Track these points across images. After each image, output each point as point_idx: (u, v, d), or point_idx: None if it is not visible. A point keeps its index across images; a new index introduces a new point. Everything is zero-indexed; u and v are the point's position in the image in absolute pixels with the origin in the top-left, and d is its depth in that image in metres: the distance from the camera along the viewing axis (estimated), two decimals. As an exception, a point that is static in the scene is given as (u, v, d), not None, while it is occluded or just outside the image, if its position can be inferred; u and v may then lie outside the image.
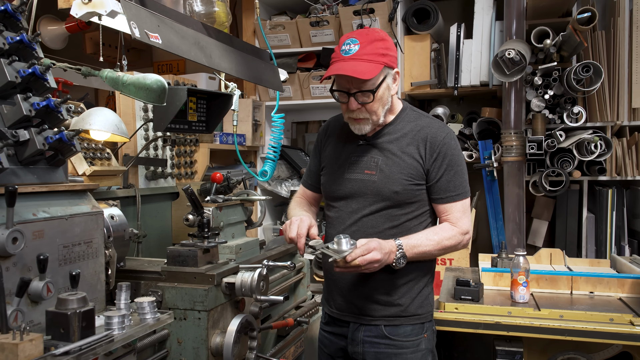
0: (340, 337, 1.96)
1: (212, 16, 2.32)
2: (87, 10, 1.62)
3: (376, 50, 1.77)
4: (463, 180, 1.87)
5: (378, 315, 1.88)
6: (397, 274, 1.86)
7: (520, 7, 3.30)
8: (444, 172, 1.84)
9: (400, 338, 1.87)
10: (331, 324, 2.00)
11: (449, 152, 1.85)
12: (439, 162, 1.84)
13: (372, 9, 3.58)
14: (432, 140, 1.84)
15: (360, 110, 1.80)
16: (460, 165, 1.88)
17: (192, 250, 1.89)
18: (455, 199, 1.85)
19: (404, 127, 1.89)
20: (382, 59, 1.77)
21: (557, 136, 3.22)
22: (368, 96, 1.78)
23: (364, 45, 1.76)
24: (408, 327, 1.88)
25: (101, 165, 2.16)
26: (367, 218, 1.87)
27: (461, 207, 1.87)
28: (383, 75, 1.79)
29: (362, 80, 1.74)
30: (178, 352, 1.82)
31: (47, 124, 1.42)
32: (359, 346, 1.90)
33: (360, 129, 1.86)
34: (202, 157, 3.22)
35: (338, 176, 1.93)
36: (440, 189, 1.85)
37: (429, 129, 1.87)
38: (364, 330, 1.90)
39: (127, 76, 1.85)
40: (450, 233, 1.83)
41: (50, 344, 1.18)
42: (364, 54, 1.75)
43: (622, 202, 3.42)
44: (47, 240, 1.34)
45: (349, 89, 1.79)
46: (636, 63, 3.29)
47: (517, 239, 3.36)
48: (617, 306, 2.30)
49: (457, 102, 4.19)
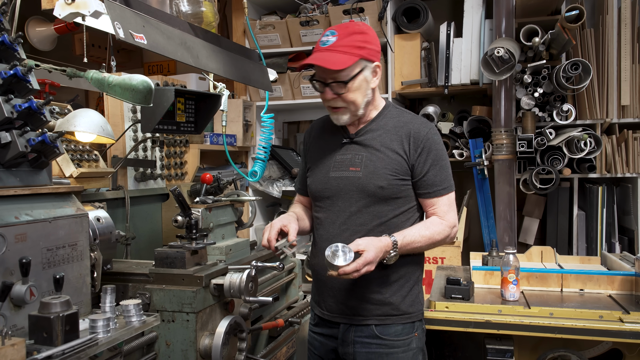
0: (330, 338, 1.95)
1: (200, 16, 2.31)
2: (70, 10, 1.60)
3: (353, 42, 1.78)
4: (448, 174, 1.89)
5: (370, 314, 1.87)
6: (388, 272, 1.86)
7: (509, 6, 3.30)
8: (430, 167, 1.85)
9: (391, 337, 1.86)
10: (321, 325, 1.99)
11: (433, 147, 1.86)
12: (424, 157, 1.84)
13: (362, 8, 3.58)
14: (416, 136, 1.85)
15: (336, 99, 1.82)
16: (444, 159, 1.89)
17: (180, 251, 1.88)
18: (441, 193, 1.87)
19: (387, 123, 1.89)
20: (358, 51, 1.78)
21: (547, 134, 3.22)
22: (342, 87, 1.79)
23: (341, 37, 1.78)
24: (399, 326, 1.88)
25: (88, 167, 2.14)
26: (355, 216, 1.86)
27: (447, 201, 1.89)
28: (360, 67, 1.80)
29: (335, 70, 1.75)
30: (167, 355, 1.81)
31: (29, 126, 1.41)
32: (349, 347, 1.89)
33: (338, 118, 1.87)
34: (192, 158, 3.21)
35: (323, 175, 1.94)
36: (427, 183, 1.86)
37: (412, 124, 1.88)
38: (354, 331, 1.89)
39: (112, 77, 1.84)
40: (440, 227, 1.85)
41: (33, 349, 1.17)
42: (340, 45, 1.77)
43: (613, 199, 3.43)
44: (30, 244, 1.33)
45: (324, 79, 1.81)
46: (625, 61, 3.30)
47: (508, 237, 3.36)
48: (607, 303, 2.30)
49: (448, 100, 4.19)
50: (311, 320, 2.07)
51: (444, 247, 3.37)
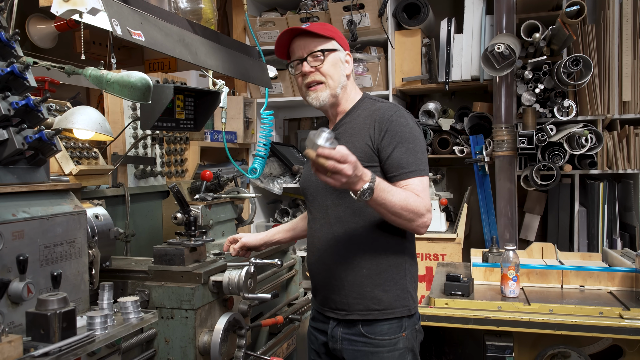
0: (323, 333, 1.97)
1: (198, 13, 2.31)
2: (67, 7, 1.60)
3: (324, 28, 1.90)
4: (417, 158, 1.80)
5: (352, 309, 1.86)
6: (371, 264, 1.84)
7: (510, 1, 3.29)
8: (394, 148, 1.78)
9: (376, 336, 1.84)
10: (316, 320, 2.02)
11: (398, 129, 1.80)
12: (388, 139, 1.79)
13: (362, 4, 3.57)
14: (380, 120, 1.82)
15: (314, 73, 1.85)
16: (412, 142, 1.80)
17: (179, 248, 1.88)
18: (409, 175, 1.76)
19: (360, 114, 1.90)
20: (330, 33, 1.88)
21: (548, 130, 3.21)
22: (319, 58, 1.84)
23: (313, 25, 1.90)
24: (385, 325, 1.84)
25: (88, 165, 2.14)
26: (331, 210, 1.88)
27: (420, 184, 1.77)
28: (333, 46, 1.88)
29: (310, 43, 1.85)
30: (166, 352, 1.81)
31: (26, 124, 1.41)
32: (338, 343, 1.90)
33: (317, 96, 1.86)
34: (192, 155, 3.21)
35: (307, 173, 2.00)
36: (392, 165, 1.78)
37: (379, 111, 1.86)
38: (342, 327, 1.89)
39: (111, 74, 1.84)
40: (416, 199, 1.71)
41: (30, 345, 1.17)
42: (313, 27, 1.88)
43: (614, 195, 3.42)
44: (28, 241, 1.33)
45: (301, 55, 1.87)
46: (626, 56, 3.29)
47: (509, 233, 3.36)
48: (607, 299, 2.30)
49: (449, 97, 4.18)
50: (310, 314, 2.09)
51: (445, 244, 3.37)
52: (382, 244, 1.86)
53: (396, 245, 1.88)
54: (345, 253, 1.86)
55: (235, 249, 2.17)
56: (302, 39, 1.88)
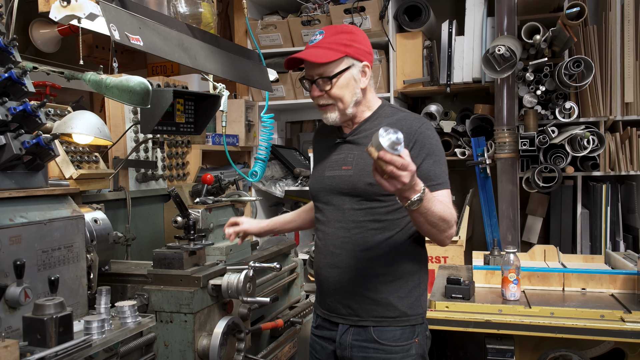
0: (329, 341, 1.93)
1: (198, 17, 2.31)
2: (65, 13, 1.61)
3: (339, 40, 1.79)
4: (442, 171, 1.81)
5: (366, 315, 1.84)
6: (386, 272, 1.83)
7: (511, 3, 3.28)
8: (423, 160, 1.78)
9: (389, 342, 1.81)
10: (321, 328, 1.97)
11: (427, 142, 1.80)
12: (416, 150, 1.78)
13: (363, 7, 3.57)
14: (408, 131, 1.79)
15: (323, 96, 1.82)
16: (439, 155, 1.82)
17: (178, 252, 1.88)
18: (437, 188, 1.77)
19: (381, 122, 1.87)
20: (343, 48, 1.78)
21: (549, 132, 3.20)
22: (327, 83, 1.80)
23: (327, 36, 1.81)
24: (398, 330, 1.82)
25: (88, 169, 2.15)
26: (348, 214, 1.85)
27: (447, 197, 1.79)
28: (346, 65, 1.80)
29: (319, 66, 1.77)
30: (165, 355, 1.81)
31: (24, 129, 1.41)
32: (347, 350, 1.86)
33: (327, 117, 1.86)
34: (194, 159, 3.21)
35: (319, 176, 1.95)
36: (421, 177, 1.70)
37: (404, 121, 1.84)
38: (352, 334, 1.86)
39: (110, 79, 1.84)
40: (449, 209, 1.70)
41: (26, 350, 1.18)
42: (325, 42, 1.79)
43: (617, 197, 3.40)
44: (25, 246, 1.33)
45: (311, 76, 1.82)
46: (628, 57, 3.27)
47: (511, 235, 3.35)
48: (608, 302, 2.28)
49: (451, 99, 4.17)
50: (313, 323, 2.04)
51: (447, 247, 3.37)
52: (400, 252, 1.84)
53: (414, 253, 1.87)
54: (362, 258, 1.83)
55: (234, 233, 2.20)
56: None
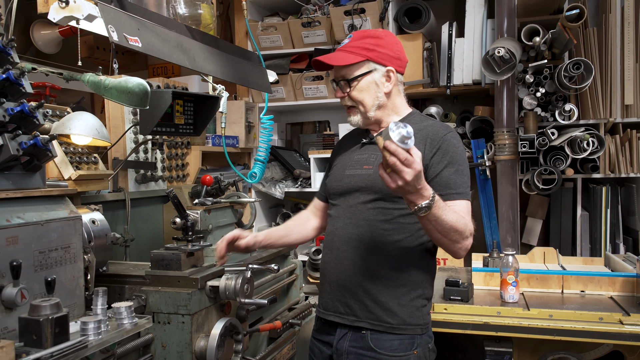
0: (327, 345, 1.92)
1: (197, 18, 2.32)
2: (64, 14, 1.61)
3: (363, 44, 1.84)
4: (464, 181, 1.78)
5: (363, 316, 1.82)
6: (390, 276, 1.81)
7: (511, 5, 3.28)
8: (445, 167, 1.76)
9: (386, 352, 1.78)
10: (320, 331, 1.96)
11: (450, 149, 1.79)
12: (439, 157, 1.77)
13: (363, 8, 3.57)
14: (433, 137, 1.81)
15: (345, 98, 1.89)
16: (462, 164, 1.80)
17: (176, 253, 1.88)
18: (456, 197, 1.74)
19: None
20: (365, 52, 1.82)
21: (549, 134, 3.20)
22: (346, 85, 1.86)
23: (353, 39, 1.86)
24: (395, 340, 1.80)
25: (87, 170, 2.15)
26: (360, 211, 1.85)
27: (466, 207, 1.75)
28: (367, 68, 1.84)
29: (341, 68, 1.85)
30: (162, 357, 1.81)
31: (22, 129, 1.42)
32: (343, 356, 1.85)
33: (350, 119, 1.92)
34: (194, 160, 3.21)
35: (339, 174, 1.97)
36: (440, 184, 1.74)
37: (431, 127, 1.85)
38: (349, 340, 1.84)
39: (109, 80, 1.85)
40: (463, 220, 1.66)
41: (22, 351, 1.18)
42: (350, 46, 1.85)
43: (617, 199, 3.40)
44: (22, 246, 1.34)
45: (336, 78, 1.90)
46: (628, 60, 3.27)
47: (511, 238, 3.34)
48: (607, 305, 2.28)
49: (452, 101, 4.17)
50: (314, 326, 2.04)
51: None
52: (408, 258, 1.82)
53: (422, 262, 1.84)
54: (368, 257, 1.82)
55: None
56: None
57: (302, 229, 2.16)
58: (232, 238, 1.95)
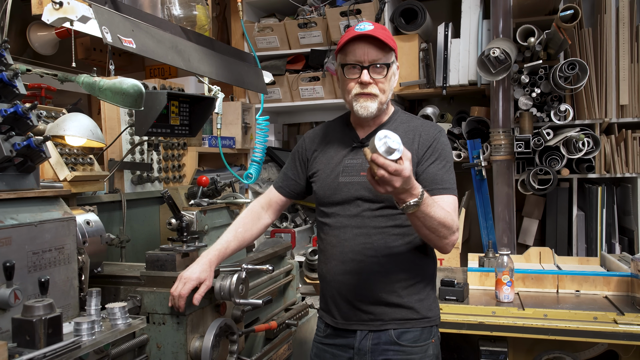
0: (345, 348, 1.89)
1: (192, 19, 2.32)
2: (58, 16, 1.62)
3: (389, 35, 1.79)
4: (451, 177, 1.81)
5: (389, 319, 1.83)
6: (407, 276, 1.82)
7: (506, 6, 3.29)
8: (433, 162, 1.79)
9: (409, 343, 1.81)
10: (333, 336, 1.92)
11: (439, 147, 1.81)
12: (430, 152, 1.80)
13: (359, 9, 3.58)
14: (425, 136, 1.82)
15: (372, 85, 1.77)
16: (449, 162, 1.83)
17: (171, 254, 1.88)
18: (442, 192, 1.76)
19: (397, 127, 1.86)
20: (392, 43, 1.78)
21: (544, 134, 3.21)
22: (382, 70, 1.76)
23: (377, 28, 1.76)
24: (417, 331, 1.83)
25: (83, 171, 2.16)
26: (369, 220, 1.83)
27: (452, 202, 1.77)
28: (392, 58, 1.80)
29: (379, 52, 1.73)
30: (157, 357, 1.81)
31: (16, 131, 1.42)
32: (367, 355, 1.83)
33: (367, 107, 1.79)
34: (190, 161, 3.22)
35: (332, 181, 1.89)
36: (427, 179, 1.76)
37: (422, 127, 1.86)
38: (372, 338, 1.83)
39: (103, 81, 1.85)
40: (450, 216, 1.68)
41: (15, 352, 1.18)
42: (380, 31, 1.75)
43: (613, 199, 3.41)
44: (15, 247, 1.34)
45: (362, 62, 1.76)
46: (623, 60, 3.28)
47: (507, 238, 3.35)
48: (602, 304, 2.29)
49: (448, 101, 4.18)
50: (320, 332, 1.99)
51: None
52: (419, 255, 1.84)
53: (429, 255, 1.89)
54: (385, 264, 1.81)
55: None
56: (365, 42, 1.74)
57: (253, 233, 2.04)
58: (189, 292, 1.75)
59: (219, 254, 1.90)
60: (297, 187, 2.05)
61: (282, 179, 2.10)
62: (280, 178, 2.11)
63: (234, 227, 2.02)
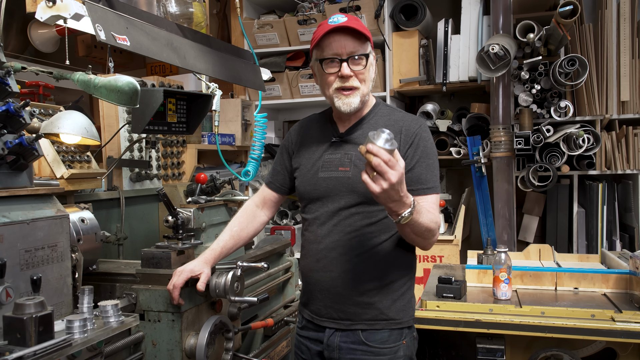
0: (316, 342, 1.91)
1: (189, 16, 2.32)
2: (51, 13, 1.62)
3: (362, 25, 1.75)
4: (434, 175, 1.81)
5: (358, 319, 1.82)
6: (380, 277, 1.81)
7: (506, 2, 3.27)
8: (417, 162, 1.78)
9: (377, 344, 1.80)
10: (307, 329, 1.94)
11: (422, 144, 1.80)
12: (412, 151, 1.78)
13: (358, 6, 3.57)
14: (407, 132, 1.80)
15: (352, 78, 1.75)
16: (432, 158, 1.82)
17: (166, 252, 1.88)
18: (426, 192, 1.77)
19: (378, 121, 1.85)
20: (368, 33, 1.74)
21: (544, 131, 3.19)
22: (361, 61, 1.73)
23: (351, 19, 1.73)
24: (386, 332, 1.81)
25: (80, 169, 2.16)
26: (344, 217, 1.82)
27: (434, 201, 1.79)
28: (369, 47, 1.77)
29: (355, 43, 1.70)
30: (153, 354, 1.81)
31: (8, 129, 1.42)
32: (335, 352, 1.84)
33: (349, 102, 1.77)
34: (189, 158, 3.22)
35: (312, 176, 1.88)
36: (411, 180, 1.75)
37: (402, 121, 1.84)
38: (340, 336, 1.84)
39: (98, 79, 1.85)
40: (435, 218, 1.69)
41: (5, 349, 1.18)
42: (354, 22, 1.72)
43: (613, 196, 3.39)
44: (7, 245, 1.34)
45: (340, 55, 1.73)
46: (624, 56, 3.26)
47: (507, 235, 3.34)
48: (600, 302, 2.27)
49: (448, 98, 4.17)
50: (298, 324, 2.02)
51: (442, 246, 3.36)
52: (393, 256, 1.83)
53: (406, 257, 1.86)
54: (358, 262, 1.81)
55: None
56: (341, 35, 1.70)
57: (250, 231, 2.03)
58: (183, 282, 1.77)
59: (214, 253, 1.91)
60: (286, 181, 2.03)
61: (272, 174, 2.08)
62: (270, 173, 2.10)
63: (230, 226, 2.02)
